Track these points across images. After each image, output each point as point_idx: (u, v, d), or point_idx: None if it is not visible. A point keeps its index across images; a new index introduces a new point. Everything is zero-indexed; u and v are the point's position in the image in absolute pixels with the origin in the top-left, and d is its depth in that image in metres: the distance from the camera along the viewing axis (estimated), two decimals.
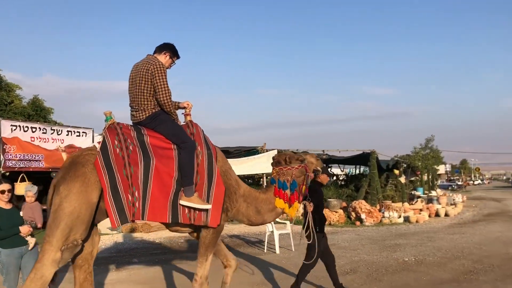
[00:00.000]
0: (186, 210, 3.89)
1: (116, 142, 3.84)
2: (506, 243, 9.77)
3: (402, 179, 20.13)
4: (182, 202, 3.85)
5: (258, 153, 16.05)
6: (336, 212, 14.95)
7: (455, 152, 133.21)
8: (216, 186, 4.04)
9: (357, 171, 24.99)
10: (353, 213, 15.08)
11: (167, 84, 4.01)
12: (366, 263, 7.80)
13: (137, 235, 12.11)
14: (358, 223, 14.56)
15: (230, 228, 13.22)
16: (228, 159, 4.62)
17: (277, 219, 10.83)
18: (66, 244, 3.45)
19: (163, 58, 4.21)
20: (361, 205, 15.10)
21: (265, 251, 9.23)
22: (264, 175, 16.92)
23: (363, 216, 14.61)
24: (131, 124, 4.15)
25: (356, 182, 19.08)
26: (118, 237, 11.50)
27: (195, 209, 3.89)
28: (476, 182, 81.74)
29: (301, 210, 5.55)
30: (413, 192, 22.10)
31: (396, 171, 19.86)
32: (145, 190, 3.76)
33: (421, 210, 17.22)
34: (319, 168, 5.22)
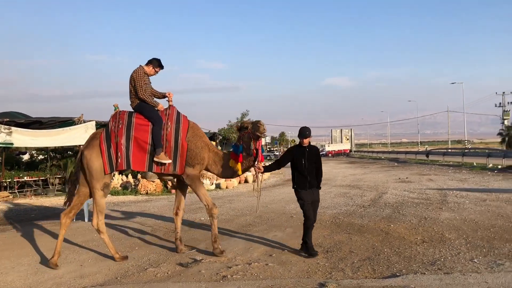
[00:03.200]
0: (158, 164, 6.11)
1: (113, 123, 6.17)
2: (287, 202, 11.86)
3: None
4: (154, 158, 6.07)
5: (75, 124, 15.72)
6: (153, 182, 15.75)
7: (276, 125, 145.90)
8: (180, 148, 6.13)
9: None
10: (169, 182, 16.06)
11: (142, 85, 6.19)
12: (167, 225, 8.81)
13: None
14: (173, 191, 15.61)
15: (42, 201, 13.02)
16: (41, 130, 6.44)
17: None
18: (102, 186, 6.04)
19: (148, 68, 6.36)
20: None
21: (74, 220, 9.55)
22: (81, 146, 16.71)
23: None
24: (130, 110, 6.35)
25: None
26: None
27: (161, 163, 6.07)
28: None
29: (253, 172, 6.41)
30: None
31: (213, 143, 21.54)
32: (127, 151, 6.04)
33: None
34: (256, 134, 6.04)
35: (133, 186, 15.89)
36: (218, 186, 17.38)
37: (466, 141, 64.27)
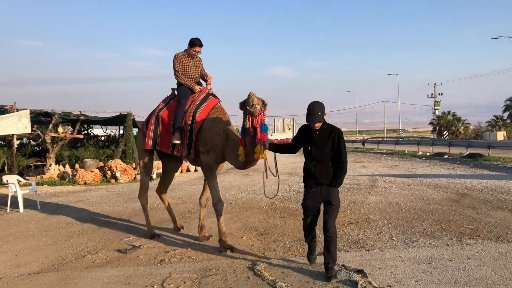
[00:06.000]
0: (177, 147, 6.10)
1: (155, 107, 6.60)
2: (228, 189, 12.17)
3: None
4: (172, 140, 6.08)
5: (7, 113, 15.08)
6: (92, 171, 15.49)
7: None
8: (195, 133, 5.92)
9: (122, 132, 25.62)
10: (109, 172, 15.86)
11: (177, 67, 6.39)
12: (106, 213, 8.84)
13: None
14: (113, 181, 15.45)
15: None
16: None
17: (22, 179, 10.84)
18: (144, 163, 6.79)
19: (188, 50, 6.43)
20: (117, 164, 16.00)
21: (8, 211, 9.33)
22: (14, 136, 16.06)
23: (118, 174, 15.57)
24: None
25: (117, 143, 19.77)
26: None
27: (176, 144, 6.09)
28: None
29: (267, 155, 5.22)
30: None
31: None
32: (155, 131, 6.37)
33: None
34: (248, 108, 5.01)
35: (70, 176, 15.53)
36: (158, 175, 17.34)
37: (400, 130, 67.74)
